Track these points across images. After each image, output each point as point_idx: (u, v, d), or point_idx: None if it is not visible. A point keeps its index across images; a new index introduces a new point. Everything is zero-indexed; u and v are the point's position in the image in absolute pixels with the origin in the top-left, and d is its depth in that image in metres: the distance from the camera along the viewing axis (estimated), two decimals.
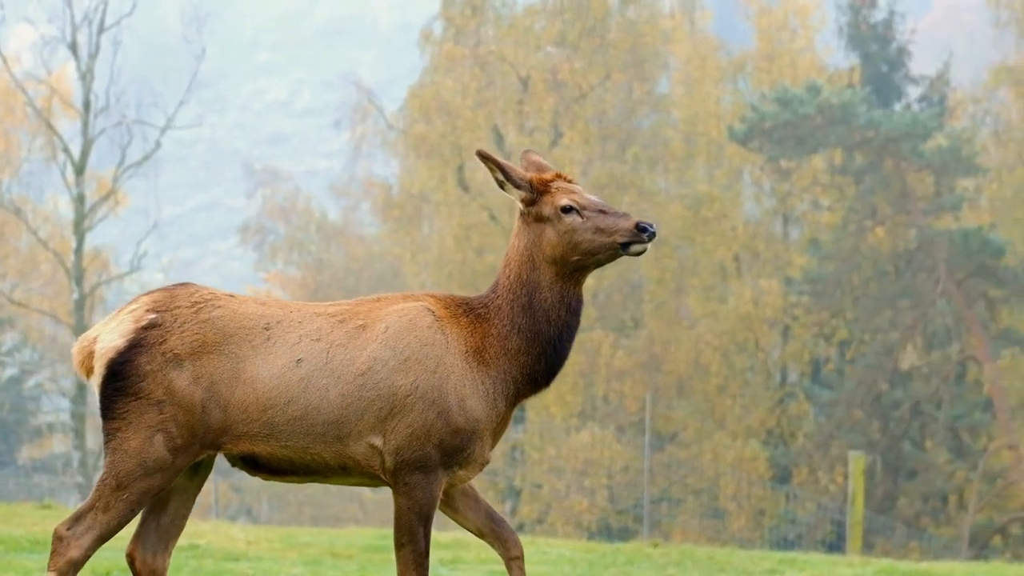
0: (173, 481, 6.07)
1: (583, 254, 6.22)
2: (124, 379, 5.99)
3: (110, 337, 6.05)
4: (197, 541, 13.36)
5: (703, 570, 13.77)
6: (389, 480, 6.12)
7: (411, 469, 6.08)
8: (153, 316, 6.06)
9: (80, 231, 38.21)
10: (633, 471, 33.77)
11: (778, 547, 29.00)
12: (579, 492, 35.16)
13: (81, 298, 38.01)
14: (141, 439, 5.97)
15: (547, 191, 6.30)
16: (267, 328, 6.12)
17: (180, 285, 6.22)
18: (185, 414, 5.99)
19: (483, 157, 6.29)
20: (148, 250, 40.25)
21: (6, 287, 42.01)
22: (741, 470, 36.09)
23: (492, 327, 6.23)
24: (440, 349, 6.14)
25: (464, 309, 6.27)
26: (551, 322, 6.23)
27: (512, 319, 6.23)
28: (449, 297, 6.33)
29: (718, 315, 38.82)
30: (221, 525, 18.40)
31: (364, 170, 51.03)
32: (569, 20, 40.57)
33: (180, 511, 6.27)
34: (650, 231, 6.19)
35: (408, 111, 42.22)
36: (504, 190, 6.34)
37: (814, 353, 39.27)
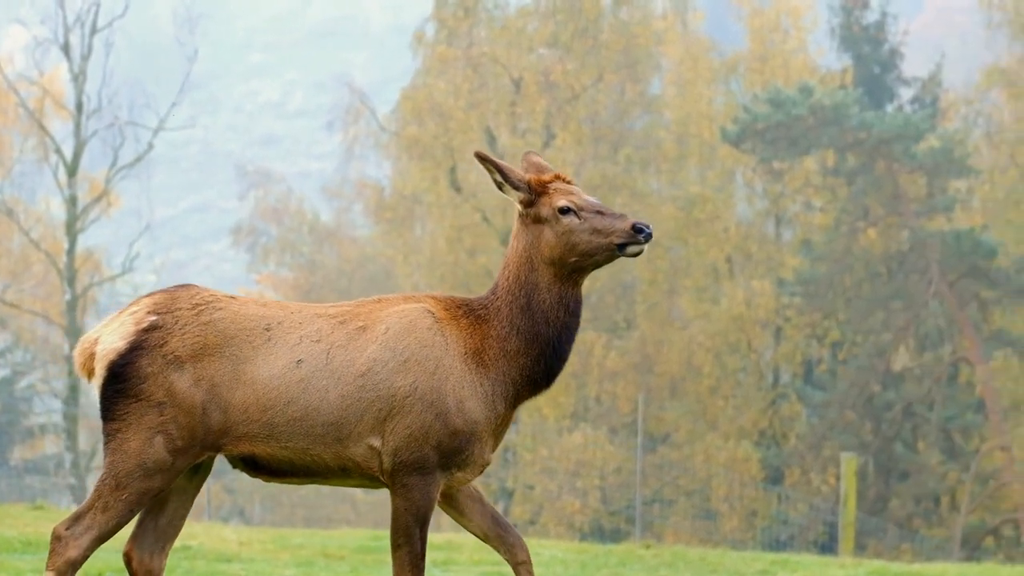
0: (173, 482, 6.07)
1: (580, 255, 6.20)
2: (125, 381, 5.99)
3: (111, 339, 6.05)
4: (190, 542, 13.37)
5: (695, 571, 13.78)
6: (387, 481, 6.11)
7: (409, 471, 6.07)
8: (154, 318, 6.06)
9: (72, 232, 38.17)
10: (625, 472, 33.78)
11: (770, 548, 28.97)
12: (571, 493, 35.14)
13: (73, 299, 37.92)
14: (141, 440, 5.97)
15: (545, 192, 6.28)
16: (268, 329, 6.12)
17: (181, 287, 6.21)
18: (185, 416, 5.99)
19: (481, 158, 6.27)
20: (140, 251, 40.19)
21: None
22: (733, 471, 36.09)
23: (491, 329, 6.22)
24: (439, 351, 6.12)
25: (464, 311, 6.25)
26: (550, 323, 6.21)
27: (511, 320, 6.21)
28: (449, 299, 6.31)
29: (710, 316, 38.84)
30: (214, 526, 18.42)
31: (356, 172, 50.97)
32: (561, 21, 40.59)
33: (178, 512, 6.27)
34: (646, 232, 6.17)
35: (401, 112, 42.19)
36: (502, 191, 6.32)
37: (806, 354, 39.31)
